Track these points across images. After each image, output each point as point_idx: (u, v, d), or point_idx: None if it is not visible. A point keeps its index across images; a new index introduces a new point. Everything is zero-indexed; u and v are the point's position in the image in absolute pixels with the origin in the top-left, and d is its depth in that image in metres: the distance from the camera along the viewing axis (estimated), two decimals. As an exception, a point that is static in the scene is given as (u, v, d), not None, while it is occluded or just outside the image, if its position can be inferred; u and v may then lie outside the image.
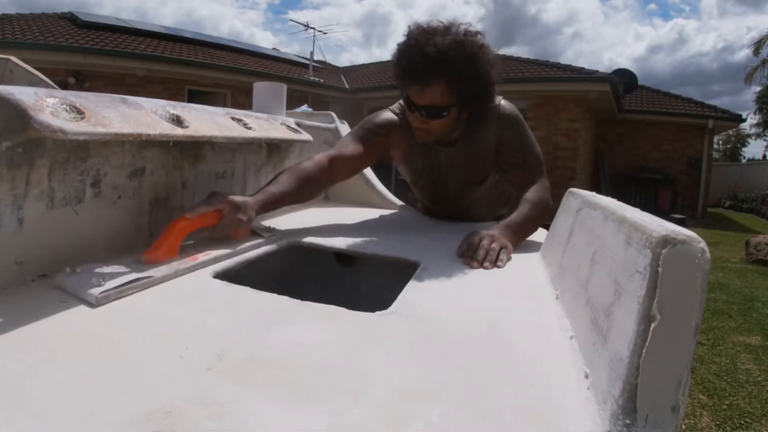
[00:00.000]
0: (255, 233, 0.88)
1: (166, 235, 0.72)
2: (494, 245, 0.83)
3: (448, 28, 0.95)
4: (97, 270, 0.61)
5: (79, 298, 0.56)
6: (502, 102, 1.09)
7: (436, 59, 0.91)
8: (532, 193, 1.04)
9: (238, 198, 0.81)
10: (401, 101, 1.10)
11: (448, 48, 0.91)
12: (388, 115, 1.16)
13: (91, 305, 0.54)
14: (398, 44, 0.99)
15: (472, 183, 1.18)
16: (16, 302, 0.53)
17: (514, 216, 1.03)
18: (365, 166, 1.21)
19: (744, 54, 14.58)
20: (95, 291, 0.56)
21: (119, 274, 0.61)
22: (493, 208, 1.30)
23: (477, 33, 0.97)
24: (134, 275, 0.61)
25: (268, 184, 0.92)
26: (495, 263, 0.81)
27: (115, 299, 0.56)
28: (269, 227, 0.95)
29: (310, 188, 0.98)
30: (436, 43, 0.92)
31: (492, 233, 0.88)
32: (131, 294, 0.58)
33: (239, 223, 0.80)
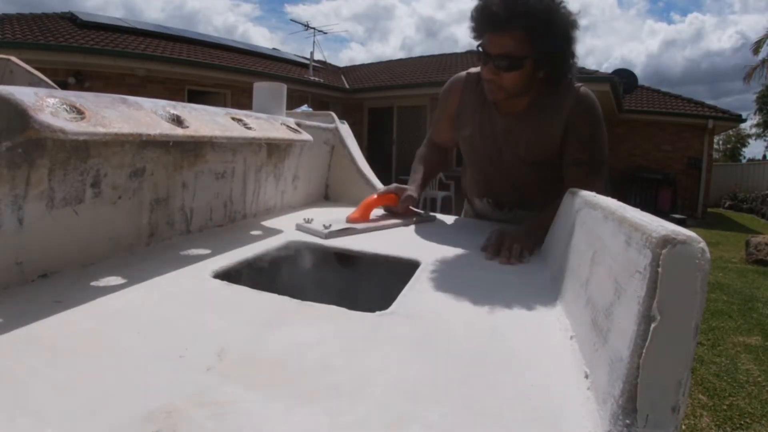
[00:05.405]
0: (415, 213, 1.21)
1: (362, 206, 1.08)
2: (516, 246, 0.86)
3: None
4: (323, 222, 0.97)
5: (315, 235, 0.93)
6: (582, 88, 1.04)
7: (514, 5, 0.89)
8: None
9: (405, 186, 1.17)
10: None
11: None
12: (453, 79, 1.19)
13: (322, 237, 0.92)
14: None
15: (527, 162, 1.10)
16: (16, 302, 0.53)
17: (550, 217, 0.95)
18: (455, 135, 1.26)
19: (763, 51, 14.34)
20: (325, 231, 0.92)
21: (337, 225, 0.97)
22: (547, 196, 1.11)
23: None
24: (346, 226, 0.98)
25: (413, 174, 1.24)
26: (518, 259, 0.84)
27: (336, 237, 0.93)
28: (425, 210, 1.28)
29: (437, 168, 1.33)
30: None
31: (516, 236, 0.89)
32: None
33: (412, 199, 1.14)
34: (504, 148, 1.12)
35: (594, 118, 1.04)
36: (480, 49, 0.99)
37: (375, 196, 1.13)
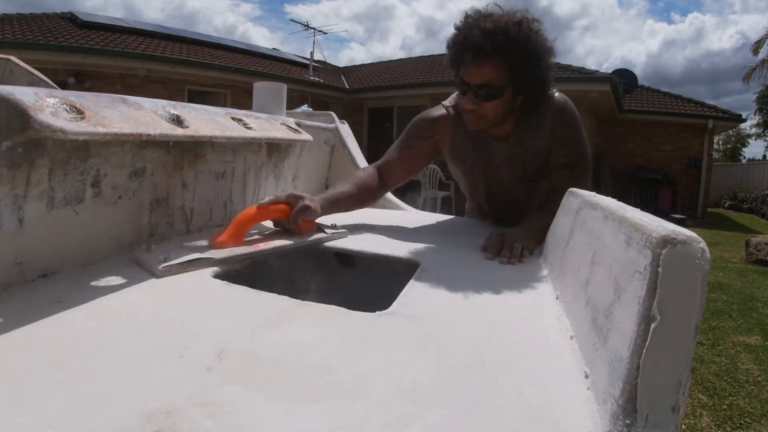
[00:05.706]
0: (319, 229, 0.92)
1: (233, 223, 0.77)
2: (516, 245, 0.86)
3: (505, 13, 0.95)
4: (167, 249, 0.71)
5: (147, 270, 0.66)
6: (556, 94, 1.06)
7: (492, 34, 0.91)
8: None
9: (302, 194, 0.90)
10: (454, 95, 1.09)
11: (504, 24, 0.91)
12: (434, 112, 1.16)
13: (156, 277, 0.64)
14: (454, 25, 0.98)
15: (528, 179, 1.13)
16: (16, 302, 0.53)
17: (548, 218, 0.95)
18: (417, 170, 1.23)
19: (762, 51, 14.47)
20: (160, 266, 0.65)
21: (185, 253, 0.69)
22: None
23: (534, 20, 0.96)
24: (197, 255, 0.69)
25: (331, 188, 1.05)
26: (519, 259, 0.85)
27: (175, 273, 0.66)
28: (333, 224, 0.97)
29: (364, 193, 1.09)
30: (494, 20, 0.92)
31: (516, 236, 0.89)
32: (190, 271, 0.68)
33: (307, 211, 0.87)
34: (506, 172, 1.14)
35: (572, 121, 1.07)
36: (458, 78, 0.99)
37: (254, 208, 0.81)
